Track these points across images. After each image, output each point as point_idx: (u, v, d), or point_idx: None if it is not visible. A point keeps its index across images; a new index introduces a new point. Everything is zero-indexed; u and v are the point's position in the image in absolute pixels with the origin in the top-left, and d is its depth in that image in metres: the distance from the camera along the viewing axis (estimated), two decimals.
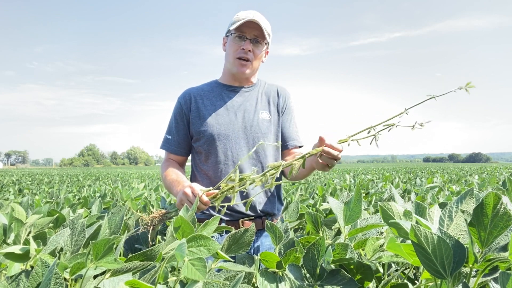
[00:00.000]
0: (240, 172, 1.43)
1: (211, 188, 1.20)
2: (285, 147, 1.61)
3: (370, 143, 1.00)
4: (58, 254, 0.79)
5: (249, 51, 1.46)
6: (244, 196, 1.45)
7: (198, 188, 1.20)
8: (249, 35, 1.45)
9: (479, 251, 0.65)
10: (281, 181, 1.33)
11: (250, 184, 1.05)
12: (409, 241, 0.70)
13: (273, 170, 1.05)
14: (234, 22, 1.46)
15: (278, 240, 0.98)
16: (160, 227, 1.89)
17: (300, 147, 1.62)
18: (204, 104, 1.52)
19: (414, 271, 1.37)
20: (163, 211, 1.15)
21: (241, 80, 1.57)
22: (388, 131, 0.98)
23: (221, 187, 1.11)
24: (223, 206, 1.12)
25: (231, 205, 1.07)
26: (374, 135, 1.00)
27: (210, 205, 1.16)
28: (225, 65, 1.58)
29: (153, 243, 1.91)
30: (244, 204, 1.39)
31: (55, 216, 1.22)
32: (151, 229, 1.12)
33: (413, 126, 0.96)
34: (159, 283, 0.76)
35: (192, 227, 0.74)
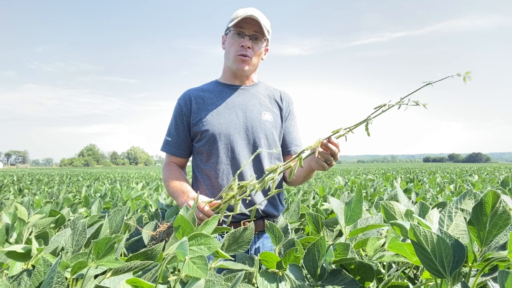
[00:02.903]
0: (241, 177, 1.43)
1: (212, 199, 1.20)
2: (287, 152, 1.60)
3: (366, 129, 0.97)
4: (60, 253, 0.79)
5: (249, 47, 1.45)
6: (247, 203, 1.44)
7: (202, 199, 1.20)
8: (248, 31, 1.45)
9: (478, 250, 0.65)
10: (283, 189, 1.31)
11: (251, 191, 1.04)
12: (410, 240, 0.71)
13: (272, 174, 1.03)
14: (233, 19, 1.45)
15: (277, 240, 0.98)
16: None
17: None
18: (205, 104, 1.50)
19: (414, 271, 1.37)
20: (168, 224, 1.16)
21: (241, 78, 1.55)
22: (381, 113, 0.96)
23: (222, 197, 1.11)
24: (227, 216, 1.10)
25: (235, 214, 1.06)
26: (366, 119, 0.97)
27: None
28: (225, 63, 1.57)
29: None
30: (249, 212, 1.38)
31: (56, 217, 1.23)
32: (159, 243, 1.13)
33: (406, 104, 0.92)
34: (160, 282, 0.76)
35: (192, 226, 0.74)
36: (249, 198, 1.09)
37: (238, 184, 1.06)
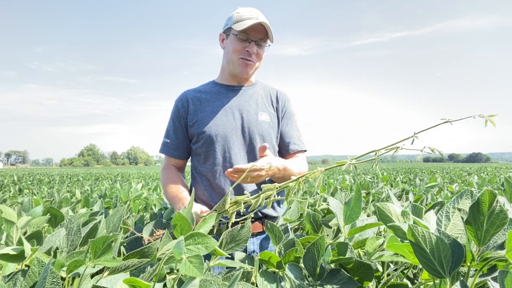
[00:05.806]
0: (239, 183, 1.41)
1: (208, 210, 1.20)
2: (286, 152, 1.57)
3: (372, 166, 0.96)
4: (53, 253, 0.78)
5: (254, 53, 1.44)
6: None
7: (197, 209, 1.20)
8: (254, 37, 1.42)
9: (476, 249, 0.65)
10: (282, 197, 1.29)
11: (245, 205, 1.03)
12: (407, 241, 0.70)
13: (269, 192, 1.01)
14: (236, 20, 1.41)
15: (278, 240, 0.98)
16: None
17: (304, 151, 1.59)
18: (202, 105, 1.49)
19: (414, 271, 1.37)
20: (163, 231, 1.15)
21: (240, 79, 1.54)
22: (393, 154, 0.93)
23: (216, 210, 1.10)
24: (221, 224, 1.10)
25: (229, 225, 1.05)
26: (374, 158, 0.93)
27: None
28: (224, 63, 1.55)
29: None
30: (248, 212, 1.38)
31: (48, 215, 1.21)
32: None
33: (421, 150, 0.87)
34: (157, 281, 0.75)
35: (190, 224, 0.73)
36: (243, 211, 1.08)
37: (231, 200, 1.05)
